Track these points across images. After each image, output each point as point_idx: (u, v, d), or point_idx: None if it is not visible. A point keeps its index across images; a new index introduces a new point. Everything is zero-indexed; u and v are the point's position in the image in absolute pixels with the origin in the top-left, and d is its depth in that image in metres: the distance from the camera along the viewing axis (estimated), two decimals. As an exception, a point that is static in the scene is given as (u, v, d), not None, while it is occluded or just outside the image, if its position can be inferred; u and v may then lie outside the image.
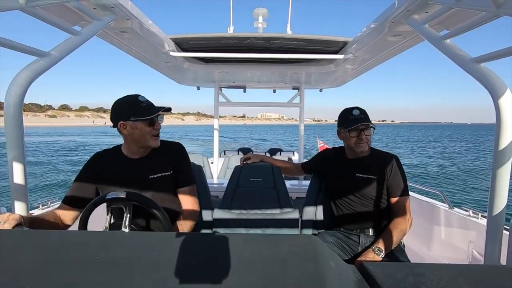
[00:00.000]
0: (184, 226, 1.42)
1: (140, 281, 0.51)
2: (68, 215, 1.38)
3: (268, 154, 5.23)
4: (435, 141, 38.52)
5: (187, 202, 1.51)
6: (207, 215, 1.88)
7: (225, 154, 5.86)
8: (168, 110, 1.42)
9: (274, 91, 4.32)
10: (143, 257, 0.59)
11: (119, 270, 0.54)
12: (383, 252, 1.49)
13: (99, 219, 1.31)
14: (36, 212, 1.96)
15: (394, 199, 1.63)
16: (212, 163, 4.27)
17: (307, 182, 2.11)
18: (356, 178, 1.69)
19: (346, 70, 2.93)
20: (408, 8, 1.45)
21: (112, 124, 1.40)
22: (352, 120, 1.66)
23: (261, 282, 0.52)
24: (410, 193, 1.70)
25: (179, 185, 1.52)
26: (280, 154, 5.61)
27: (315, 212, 1.90)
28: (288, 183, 2.68)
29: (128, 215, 1.20)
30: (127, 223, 1.18)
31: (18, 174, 1.27)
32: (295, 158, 5.40)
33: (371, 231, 1.67)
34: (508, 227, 1.25)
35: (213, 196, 2.56)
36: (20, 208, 1.29)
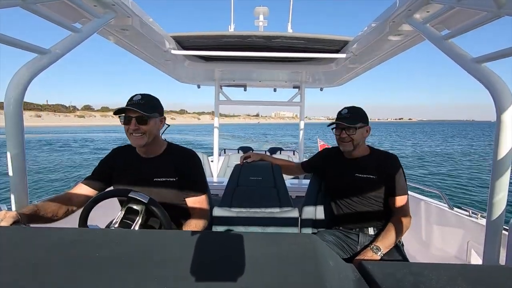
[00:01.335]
0: None
1: (140, 280, 0.51)
2: (80, 198, 1.41)
3: (268, 153, 5.22)
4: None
5: (192, 211, 1.47)
6: None
7: (225, 152, 5.86)
8: (131, 109, 1.38)
9: (275, 90, 4.31)
10: (142, 256, 0.59)
11: (119, 268, 0.54)
12: (382, 250, 1.49)
13: (98, 215, 1.31)
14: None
15: (393, 198, 1.63)
16: (212, 161, 4.27)
17: (307, 181, 2.11)
18: (355, 178, 1.69)
19: (346, 69, 2.92)
20: (410, 8, 1.45)
21: None
22: (337, 118, 1.71)
23: (261, 280, 0.52)
24: (410, 192, 1.70)
25: (185, 193, 1.48)
26: (280, 153, 5.61)
27: (315, 211, 1.90)
28: (288, 182, 2.68)
29: (141, 218, 1.20)
30: (137, 226, 1.19)
31: (18, 171, 1.27)
32: (296, 157, 5.40)
33: (370, 230, 1.67)
34: (508, 227, 1.25)
35: (213, 195, 2.56)
36: (20, 205, 1.29)
